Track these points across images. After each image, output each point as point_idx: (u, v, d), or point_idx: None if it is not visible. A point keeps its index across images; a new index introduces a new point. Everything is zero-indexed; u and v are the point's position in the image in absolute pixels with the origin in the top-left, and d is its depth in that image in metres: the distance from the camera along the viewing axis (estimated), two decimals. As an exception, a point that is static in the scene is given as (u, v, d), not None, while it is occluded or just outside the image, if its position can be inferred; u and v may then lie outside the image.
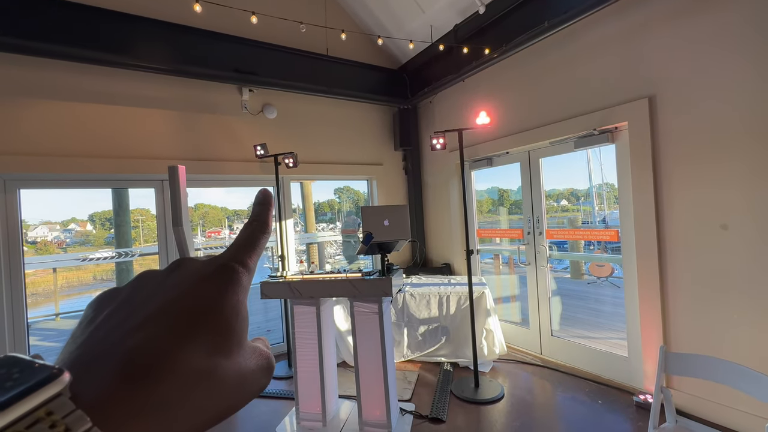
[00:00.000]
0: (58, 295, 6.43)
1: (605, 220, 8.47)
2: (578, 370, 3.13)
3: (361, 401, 2.49)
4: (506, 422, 2.48)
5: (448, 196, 4.43)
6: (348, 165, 4.46)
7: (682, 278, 2.43)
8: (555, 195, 10.24)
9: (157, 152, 3.40)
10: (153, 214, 3.56)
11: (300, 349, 2.59)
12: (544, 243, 3.42)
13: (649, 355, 2.61)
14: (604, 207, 10.78)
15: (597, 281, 6.50)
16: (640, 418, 2.43)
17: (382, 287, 2.34)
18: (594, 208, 9.84)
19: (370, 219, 2.37)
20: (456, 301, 3.46)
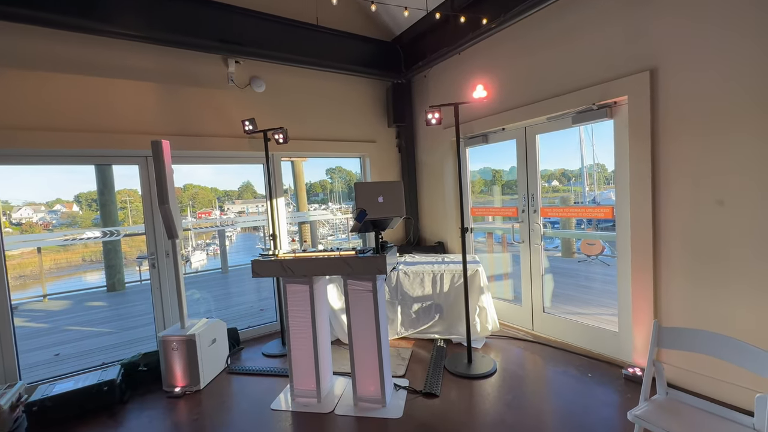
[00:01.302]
0: (44, 276, 6.31)
1: (595, 200, 8.54)
2: (569, 345, 3.18)
3: (355, 377, 2.50)
4: (499, 396, 2.52)
5: (442, 173, 4.36)
6: (340, 142, 4.34)
7: (675, 254, 2.43)
8: (546, 175, 10.26)
9: (139, 127, 3.25)
10: (141, 195, 3.44)
11: (293, 327, 2.57)
12: (538, 221, 3.40)
13: (639, 330, 2.65)
14: (594, 187, 10.85)
15: (587, 259, 6.60)
16: (629, 390, 2.49)
17: (377, 265, 2.30)
18: (585, 188, 9.89)
19: (363, 195, 2.31)
20: (450, 279, 3.46)
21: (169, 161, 2.80)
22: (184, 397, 2.77)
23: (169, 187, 2.78)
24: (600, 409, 2.30)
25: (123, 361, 2.97)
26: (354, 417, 2.38)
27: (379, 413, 2.39)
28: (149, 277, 3.37)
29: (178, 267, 2.92)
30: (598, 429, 2.12)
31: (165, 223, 2.82)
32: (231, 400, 2.70)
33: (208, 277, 7.99)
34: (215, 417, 2.48)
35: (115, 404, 2.66)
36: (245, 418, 2.45)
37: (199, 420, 2.46)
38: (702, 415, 1.57)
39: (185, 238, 16.87)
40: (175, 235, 2.85)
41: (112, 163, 3.35)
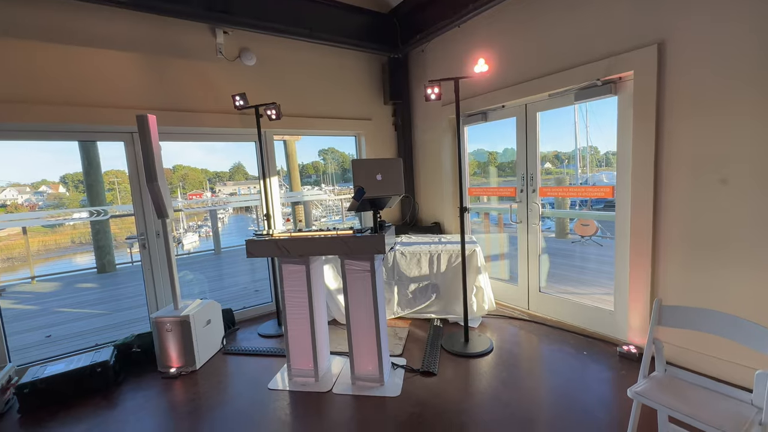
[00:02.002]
0: (31, 258, 6.17)
1: (588, 182, 8.56)
2: (564, 324, 3.21)
3: (353, 356, 2.49)
4: (495, 373, 2.54)
5: (440, 153, 4.27)
6: (335, 119, 4.21)
7: (674, 234, 2.42)
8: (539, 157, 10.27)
9: (123, 101, 3.08)
10: (128, 174, 3.30)
11: (290, 308, 2.53)
12: (537, 201, 3.37)
13: (635, 309, 2.67)
14: (587, 170, 10.87)
15: (581, 240, 6.64)
16: (623, 366, 2.52)
17: (375, 245, 2.25)
18: (578, 170, 9.91)
19: (361, 173, 2.23)
20: (447, 259, 3.43)
21: (156, 137, 2.67)
22: (180, 377, 2.75)
23: (157, 164, 2.66)
24: (595, 385, 2.33)
25: (116, 343, 2.92)
26: (352, 396, 2.38)
27: (378, 391, 2.39)
28: (140, 258, 3.29)
29: (170, 247, 2.84)
30: (593, 404, 2.15)
31: (154, 202, 2.72)
32: (228, 380, 2.68)
33: (200, 259, 7.91)
34: (212, 397, 2.47)
35: (109, 385, 2.63)
36: (242, 397, 2.44)
37: (196, 400, 2.44)
38: (700, 391, 1.58)
39: (176, 220, 16.66)
40: (166, 215, 2.76)
41: (96, 139, 3.19)
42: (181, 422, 2.22)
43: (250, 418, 2.21)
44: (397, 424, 2.08)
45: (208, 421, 2.22)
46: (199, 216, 18.01)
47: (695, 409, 1.47)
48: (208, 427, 2.16)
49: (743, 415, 1.41)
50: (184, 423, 2.21)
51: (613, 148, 2.81)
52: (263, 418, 2.20)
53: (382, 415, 2.16)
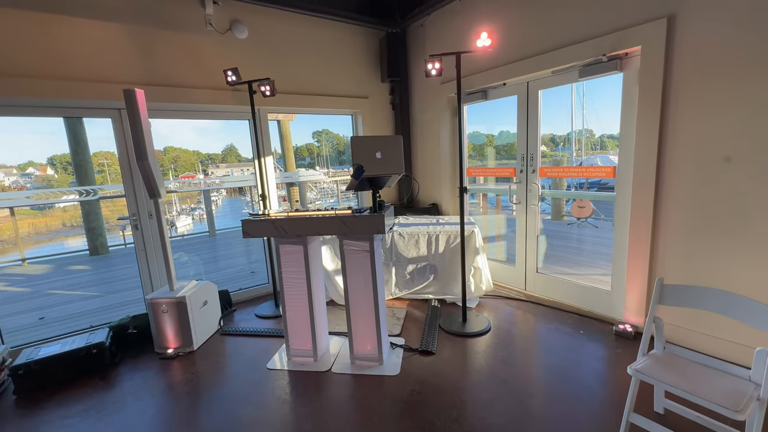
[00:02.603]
0: (20, 240, 6.04)
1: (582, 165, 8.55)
2: (561, 304, 3.24)
3: (352, 336, 2.48)
4: (493, 352, 2.56)
5: (438, 132, 4.19)
6: (331, 97, 4.08)
7: (675, 214, 2.41)
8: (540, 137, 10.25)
9: (110, 75, 2.94)
10: (117, 153, 3.19)
11: (288, 288, 2.50)
12: (536, 181, 3.33)
13: (632, 289, 2.68)
14: (582, 153, 10.86)
15: (577, 222, 6.67)
16: (619, 345, 2.56)
17: (374, 224, 2.21)
18: (573, 153, 9.90)
19: (360, 151, 2.16)
20: (445, 240, 3.41)
21: (145, 112, 2.56)
22: (178, 358, 2.74)
23: (147, 141, 2.56)
24: (592, 363, 2.36)
25: (111, 324, 2.89)
26: (351, 375, 2.39)
27: (377, 371, 2.40)
28: (133, 240, 3.22)
29: (163, 228, 2.77)
30: (590, 381, 2.18)
31: (145, 182, 2.63)
32: (226, 360, 2.67)
33: (195, 241, 7.83)
34: (211, 377, 2.46)
35: (106, 367, 2.61)
36: (241, 377, 2.44)
37: (194, 380, 2.44)
38: (699, 368, 1.60)
39: (169, 203, 16.45)
40: (158, 194, 2.68)
41: (82, 116, 3.06)
42: (180, 402, 2.22)
43: (249, 398, 2.21)
44: (396, 402, 2.09)
45: (208, 400, 2.21)
46: (192, 199, 17.78)
47: (694, 385, 1.48)
48: (207, 406, 2.16)
49: (741, 391, 1.43)
50: (184, 402, 2.21)
51: (607, 131, 2.79)
52: (263, 397, 2.21)
53: (382, 394, 2.18)
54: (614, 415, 1.89)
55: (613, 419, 1.85)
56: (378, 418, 1.98)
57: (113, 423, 2.06)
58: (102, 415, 2.14)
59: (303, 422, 1.98)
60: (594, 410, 1.94)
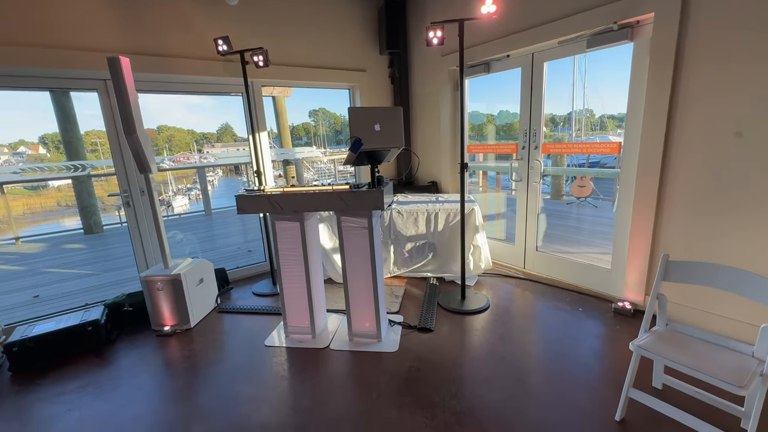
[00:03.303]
0: (13, 218, 5.95)
1: (585, 144, 8.44)
2: (560, 282, 3.22)
3: (350, 313, 2.46)
4: (492, 329, 2.56)
5: (438, 107, 4.06)
6: (327, 70, 3.92)
7: (681, 191, 2.35)
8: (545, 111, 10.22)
9: (93, 42, 2.78)
10: (105, 127, 3.06)
11: (285, 266, 2.46)
12: (539, 158, 3.25)
13: (633, 267, 2.66)
14: (582, 133, 10.72)
15: (576, 201, 6.63)
16: (618, 322, 2.55)
17: (373, 201, 2.14)
18: (572, 134, 9.78)
19: (358, 123, 2.06)
20: (444, 218, 3.36)
21: (132, 82, 2.43)
22: (175, 335, 2.72)
23: (135, 113, 2.45)
24: (590, 340, 2.36)
25: (107, 302, 2.85)
26: (350, 351, 2.38)
27: (375, 347, 2.39)
28: (126, 217, 3.14)
29: (155, 204, 2.69)
30: (588, 358, 2.18)
31: (135, 156, 2.53)
32: (224, 337, 2.66)
33: (191, 220, 7.75)
34: (208, 354, 2.45)
35: (102, 344, 2.59)
36: (239, 354, 2.42)
37: (192, 357, 2.42)
38: (701, 345, 1.58)
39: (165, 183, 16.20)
40: (149, 169, 2.58)
41: (66, 86, 2.91)
42: (177, 378, 2.20)
43: (246, 374, 2.20)
44: (395, 378, 2.08)
45: (205, 377, 2.20)
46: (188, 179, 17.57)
47: (697, 361, 1.46)
48: (204, 382, 2.15)
49: (745, 367, 1.41)
50: (181, 379, 2.20)
51: (608, 111, 2.68)
52: (260, 374, 2.20)
53: (381, 370, 2.17)
54: (612, 391, 1.89)
55: (612, 395, 1.86)
56: (377, 393, 1.97)
57: (110, 399, 2.05)
58: (99, 391, 2.13)
59: (301, 398, 1.97)
60: (592, 386, 1.94)
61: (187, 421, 1.85)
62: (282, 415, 1.86)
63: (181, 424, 1.83)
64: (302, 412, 1.87)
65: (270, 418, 1.84)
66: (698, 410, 1.67)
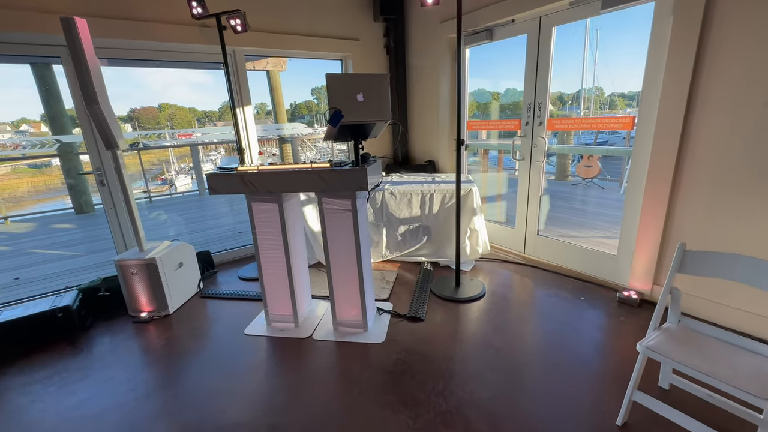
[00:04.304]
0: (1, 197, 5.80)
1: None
2: (562, 268, 3.04)
3: (334, 301, 2.30)
4: (487, 319, 2.39)
5: (437, 80, 3.77)
6: (316, 38, 3.62)
7: (701, 173, 2.11)
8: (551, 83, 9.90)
9: (54, 4, 2.52)
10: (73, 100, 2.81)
11: (264, 250, 2.28)
12: (543, 135, 2.99)
13: (641, 254, 2.45)
14: (590, 113, 10.30)
15: (582, 182, 6.36)
16: (622, 312, 2.38)
17: (356, 180, 1.93)
18: (581, 113, 9.41)
19: (338, 92, 1.82)
20: (440, 199, 3.15)
21: (90, 46, 2.19)
22: (152, 321, 2.59)
23: (96, 81, 2.21)
24: (592, 332, 2.19)
25: (81, 286, 2.72)
26: (334, 342, 2.23)
27: (361, 338, 2.25)
28: (100, 197, 2.96)
29: (125, 183, 2.50)
30: (589, 352, 2.01)
31: (99, 131, 2.32)
32: (203, 324, 2.52)
33: (183, 200, 7.58)
34: (185, 342, 2.31)
35: (75, 330, 2.46)
36: (217, 343, 2.29)
37: (167, 345, 2.29)
38: (718, 345, 1.40)
39: (167, 162, 15.98)
40: (115, 145, 2.37)
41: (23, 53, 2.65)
42: (149, 369, 2.08)
43: (222, 366, 2.07)
44: (379, 372, 1.94)
45: (178, 368, 2.07)
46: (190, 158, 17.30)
47: (713, 365, 1.28)
48: (177, 374, 2.02)
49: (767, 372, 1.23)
50: (152, 370, 2.07)
51: (619, 89, 2.41)
52: (237, 366, 2.06)
53: (365, 362, 2.02)
54: (614, 390, 1.73)
55: (613, 395, 1.70)
56: (358, 389, 1.83)
57: (76, 391, 1.93)
58: (66, 382, 2.01)
59: (277, 394, 1.83)
60: (592, 385, 1.78)
61: (154, 417, 1.73)
62: (255, 411, 1.72)
63: (146, 421, 1.71)
64: (277, 408, 1.73)
65: (242, 415, 1.71)
66: (709, 416, 1.51)
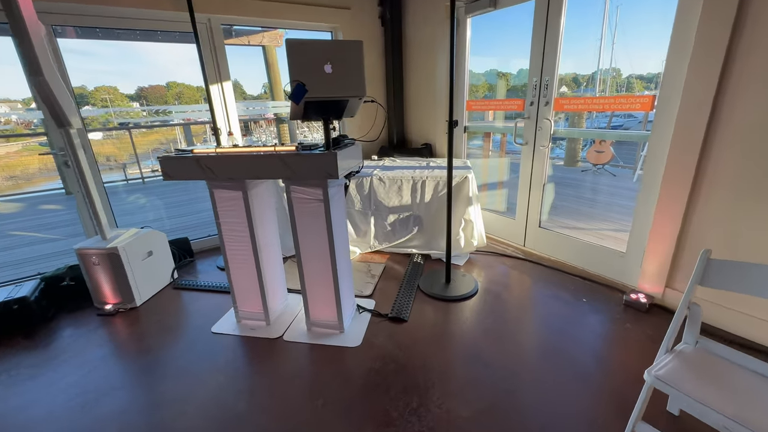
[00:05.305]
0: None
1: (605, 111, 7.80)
2: (564, 265, 2.78)
3: (307, 300, 2.09)
4: (476, 321, 2.17)
5: (436, 55, 3.43)
6: (301, 5, 3.29)
7: (731, 159, 1.81)
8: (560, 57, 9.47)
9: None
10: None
11: (230, 243, 2.07)
12: (549, 116, 2.68)
13: (653, 252, 2.18)
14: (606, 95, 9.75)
15: (593, 169, 6.00)
16: (628, 318, 2.13)
17: (324, 167, 1.67)
18: (596, 95, 8.90)
19: (301, 61, 1.54)
20: (432, 187, 2.88)
21: (32, 10, 1.92)
22: (118, 315, 2.42)
23: (39, 50, 1.96)
24: (593, 342, 1.95)
25: (45, 275, 2.55)
26: (305, 344, 2.04)
27: (335, 340, 2.04)
28: (61, 180, 2.75)
29: (81, 165, 2.28)
30: (588, 366, 1.78)
31: (47, 106, 2.08)
32: (170, 319, 2.34)
33: (176, 182, 7.37)
34: (147, 338, 2.14)
35: (34, 323, 2.31)
36: (181, 341, 2.11)
37: (128, 341, 2.12)
38: (744, 375, 1.15)
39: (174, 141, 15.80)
40: (66, 123, 2.14)
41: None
42: (104, 367, 1.91)
43: (182, 368, 1.89)
44: (349, 382, 1.74)
45: (133, 369, 1.90)
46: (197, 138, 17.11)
47: (740, 406, 1.04)
48: (133, 373, 1.85)
49: (812, 419, 0.98)
50: (104, 370, 1.90)
51: (637, 71, 2.09)
52: (198, 368, 1.88)
53: (335, 369, 1.82)
54: (614, 414, 1.50)
55: (613, 420, 1.47)
56: (323, 401, 1.63)
57: (22, 393, 1.77)
58: (14, 381, 1.86)
59: (234, 403, 1.65)
60: (590, 407, 1.55)
61: (100, 424, 1.56)
62: (208, 421, 1.54)
63: (90, 428, 1.54)
64: (231, 420, 1.55)
65: (194, 424, 1.53)
66: (727, 454, 1.27)
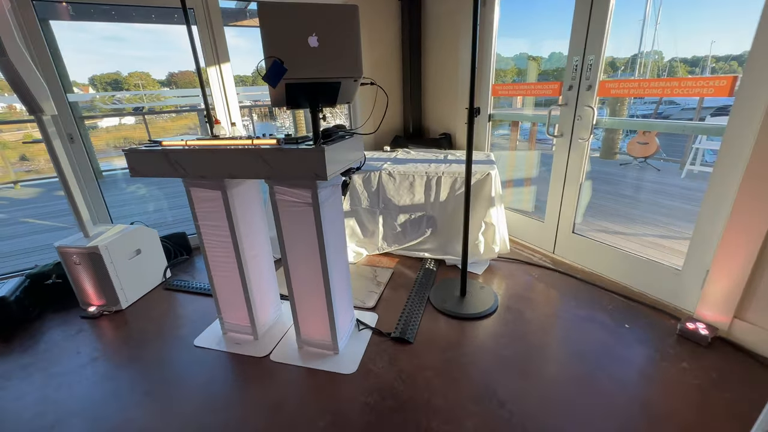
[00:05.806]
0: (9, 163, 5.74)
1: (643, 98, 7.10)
2: (601, 278, 2.38)
3: (297, 315, 1.82)
4: (494, 347, 1.84)
5: (458, 33, 3.01)
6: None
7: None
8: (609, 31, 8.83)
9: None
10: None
11: (211, 248, 1.81)
12: (591, 103, 2.24)
13: (722, 270, 1.76)
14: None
15: (633, 162, 5.40)
16: (684, 355, 1.73)
17: (309, 165, 1.36)
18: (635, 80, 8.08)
19: (278, 32, 1.22)
20: (449, 184, 2.53)
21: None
22: (102, 317, 2.25)
23: (3, 26, 1.74)
24: (637, 384, 1.58)
25: (31, 272, 2.41)
26: (293, 366, 1.78)
27: (328, 363, 1.77)
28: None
29: (57, 155, 2.08)
30: (633, 416, 1.42)
31: (15, 90, 1.87)
32: (153, 326, 2.15)
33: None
34: (124, 349, 1.95)
35: (14, 324, 2.17)
36: (161, 353, 1.90)
37: (105, 352, 1.94)
38: None
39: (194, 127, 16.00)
40: (38, 109, 1.93)
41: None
42: (71, 384, 1.72)
43: (156, 386, 1.68)
44: (336, 421, 1.46)
45: (105, 386, 1.70)
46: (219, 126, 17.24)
47: None
48: (102, 393, 1.65)
49: None
50: (75, 386, 1.71)
51: (681, 53, 1.61)
52: (172, 388, 1.66)
53: (322, 403, 1.55)
54: (673, 496, 1.15)
55: (671, 506, 1.12)
56: (304, 447, 1.37)
57: (-18, 409, 1.61)
58: (-22, 393, 1.70)
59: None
60: (638, 480, 1.21)
61: (45, 462, 1.36)
62: (166, 469, 1.31)
63: (34, 466, 1.35)
64: (193, 468, 1.31)
65: (147, 473, 1.30)
66: None
